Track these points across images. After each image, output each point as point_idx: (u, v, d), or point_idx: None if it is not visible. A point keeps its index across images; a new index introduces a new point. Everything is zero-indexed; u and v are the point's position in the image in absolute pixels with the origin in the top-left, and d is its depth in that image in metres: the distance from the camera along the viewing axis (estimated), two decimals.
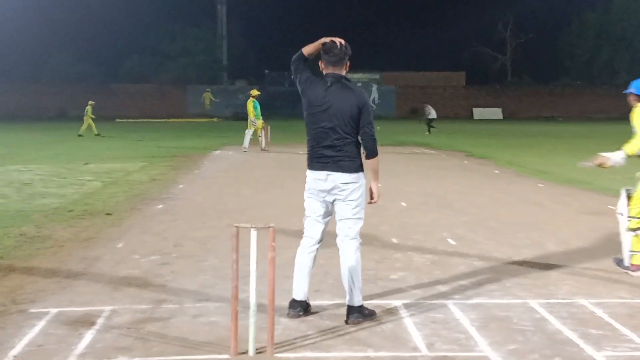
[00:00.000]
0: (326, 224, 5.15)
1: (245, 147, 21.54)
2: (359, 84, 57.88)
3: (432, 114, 33.08)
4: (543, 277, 6.27)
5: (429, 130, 31.94)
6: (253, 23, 62.15)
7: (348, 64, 5.07)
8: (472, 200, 11.16)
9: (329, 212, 5.12)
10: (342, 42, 5.05)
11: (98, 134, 29.66)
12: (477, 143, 25.03)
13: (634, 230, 6.27)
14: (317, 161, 5.00)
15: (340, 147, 4.93)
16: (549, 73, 61.51)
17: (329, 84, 4.96)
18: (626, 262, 6.38)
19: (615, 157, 6.30)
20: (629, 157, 6.32)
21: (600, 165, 6.37)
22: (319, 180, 5.00)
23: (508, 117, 54.28)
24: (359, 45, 62.72)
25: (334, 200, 5.02)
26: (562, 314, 5.18)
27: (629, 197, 6.36)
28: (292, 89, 58.02)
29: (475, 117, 55.46)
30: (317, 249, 5.18)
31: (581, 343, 4.57)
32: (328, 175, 4.95)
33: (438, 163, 18.01)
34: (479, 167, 16.98)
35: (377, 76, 58.74)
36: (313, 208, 5.10)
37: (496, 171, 15.79)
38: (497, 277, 6.27)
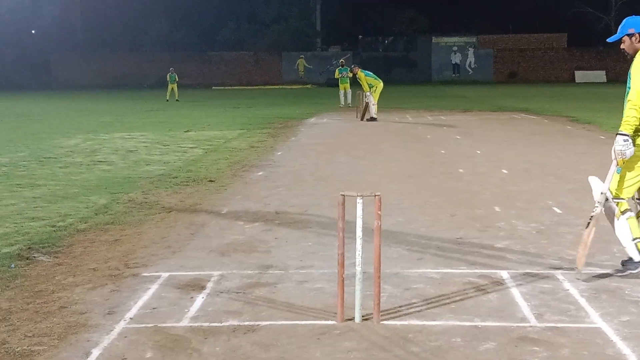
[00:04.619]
0: None
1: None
2: (455, 48, 56.82)
3: None
4: None
5: None
6: None
7: None
8: (577, 167, 10.79)
9: None
10: None
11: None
12: (580, 107, 24.13)
13: None
14: None
15: None
16: None
17: None
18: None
19: (618, 147, 5.07)
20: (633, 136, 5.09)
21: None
22: None
23: (612, 79, 51.92)
24: (455, 8, 61.35)
25: None
26: None
27: None
28: (386, 54, 57.54)
29: (577, 80, 53.53)
30: None
31: None
32: None
33: (539, 128, 17.48)
34: (584, 132, 16.39)
35: (473, 39, 57.41)
36: None
37: (602, 137, 15.18)
38: (607, 246, 6.05)
